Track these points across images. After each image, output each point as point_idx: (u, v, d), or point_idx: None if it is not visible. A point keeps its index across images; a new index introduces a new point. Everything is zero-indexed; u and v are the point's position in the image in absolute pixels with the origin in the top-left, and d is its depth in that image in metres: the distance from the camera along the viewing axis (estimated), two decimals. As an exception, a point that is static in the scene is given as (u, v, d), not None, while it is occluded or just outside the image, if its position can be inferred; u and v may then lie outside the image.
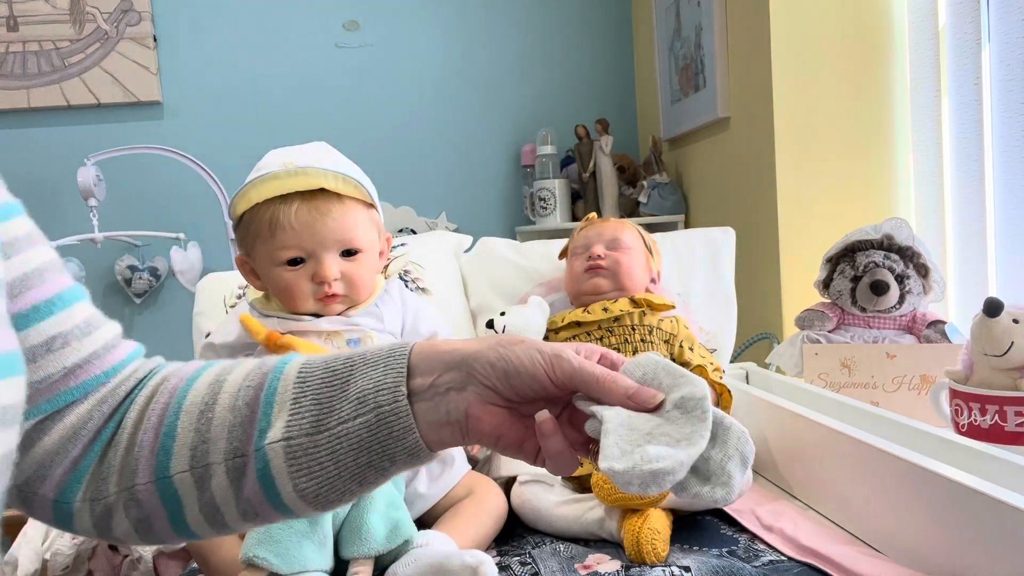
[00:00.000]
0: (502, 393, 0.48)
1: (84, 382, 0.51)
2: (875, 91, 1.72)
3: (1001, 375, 0.99)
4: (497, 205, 2.64)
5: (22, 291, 0.47)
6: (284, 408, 0.49)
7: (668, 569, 0.79)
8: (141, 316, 2.46)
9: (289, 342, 0.94)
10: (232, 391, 0.51)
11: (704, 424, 0.45)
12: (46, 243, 0.51)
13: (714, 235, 1.43)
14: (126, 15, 2.40)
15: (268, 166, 0.96)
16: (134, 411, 0.52)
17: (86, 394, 0.51)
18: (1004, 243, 1.41)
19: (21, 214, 0.49)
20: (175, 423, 0.51)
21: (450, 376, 0.48)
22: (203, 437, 0.50)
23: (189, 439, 0.50)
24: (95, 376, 0.51)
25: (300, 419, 0.48)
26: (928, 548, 0.76)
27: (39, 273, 0.48)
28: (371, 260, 1.00)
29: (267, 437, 0.48)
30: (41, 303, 0.48)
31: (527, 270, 1.38)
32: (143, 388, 0.54)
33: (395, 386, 0.48)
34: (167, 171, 2.34)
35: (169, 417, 0.51)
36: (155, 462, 0.50)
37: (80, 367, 0.50)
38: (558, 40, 2.61)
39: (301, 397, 0.49)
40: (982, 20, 1.44)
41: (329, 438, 0.47)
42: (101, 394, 0.52)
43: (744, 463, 0.46)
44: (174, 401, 0.52)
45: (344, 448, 0.47)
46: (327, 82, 2.53)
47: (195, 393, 0.52)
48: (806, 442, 1.01)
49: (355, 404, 0.48)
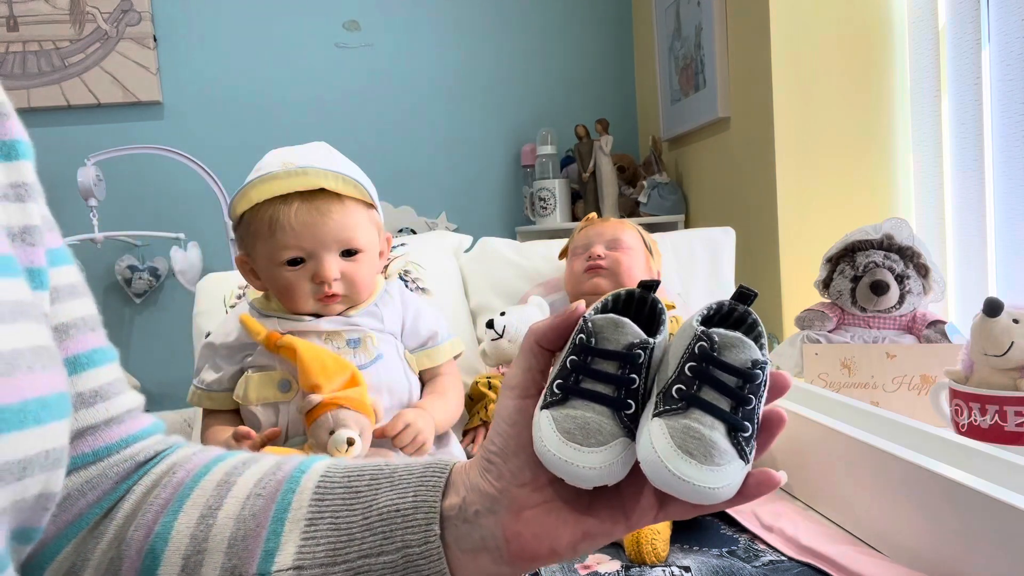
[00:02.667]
0: (529, 476, 0.41)
1: (95, 449, 0.45)
2: (875, 91, 1.72)
3: (1001, 375, 0.99)
4: (497, 205, 2.64)
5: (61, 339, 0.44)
6: (296, 528, 0.43)
7: (668, 569, 0.79)
8: (141, 316, 2.46)
9: (289, 342, 0.93)
10: (240, 496, 0.45)
11: None
12: (88, 296, 0.47)
13: (714, 235, 1.43)
14: (126, 15, 2.40)
15: (268, 166, 0.96)
16: (128, 502, 0.46)
17: (86, 464, 0.45)
18: (1004, 243, 1.41)
19: (70, 262, 0.46)
20: (171, 524, 0.45)
21: (476, 496, 0.42)
22: (200, 546, 0.44)
23: (184, 546, 0.44)
24: (106, 445, 0.46)
25: (314, 546, 0.42)
26: (928, 548, 0.76)
27: (71, 327, 0.45)
28: (371, 260, 1.00)
29: (275, 562, 0.42)
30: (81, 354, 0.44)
31: (527, 270, 1.38)
32: (144, 476, 0.48)
33: (426, 524, 0.41)
34: (167, 171, 2.34)
35: (167, 516, 0.45)
36: (140, 566, 0.44)
37: (92, 431, 0.45)
38: (558, 40, 2.61)
39: (317, 518, 0.43)
40: (982, 20, 1.44)
41: (347, 572, 0.41)
42: (99, 468, 0.46)
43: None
44: (175, 499, 0.46)
45: None
46: (327, 82, 2.53)
47: (200, 492, 0.46)
48: (806, 442, 1.01)
49: (380, 538, 0.41)
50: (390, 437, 0.92)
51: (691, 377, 0.39)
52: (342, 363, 0.94)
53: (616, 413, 0.40)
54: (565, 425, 0.40)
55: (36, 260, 0.43)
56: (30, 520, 0.39)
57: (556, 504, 0.41)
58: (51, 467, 0.38)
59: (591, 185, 2.40)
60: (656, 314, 0.44)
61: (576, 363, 0.41)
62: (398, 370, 1.01)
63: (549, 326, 0.43)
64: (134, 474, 0.48)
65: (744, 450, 0.39)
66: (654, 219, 2.23)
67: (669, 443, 0.38)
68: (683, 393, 0.39)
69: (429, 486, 0.43)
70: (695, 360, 0.39)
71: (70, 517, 0.45)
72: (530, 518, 0.41)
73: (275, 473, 0.46)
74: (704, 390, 0.39)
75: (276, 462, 0.48)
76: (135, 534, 0.45)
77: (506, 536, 0.41)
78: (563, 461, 0.39)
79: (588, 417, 0.40)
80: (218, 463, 0.48)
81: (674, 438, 0.38)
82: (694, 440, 0.38)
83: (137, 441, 0.48)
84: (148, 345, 2.44)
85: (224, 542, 0.43)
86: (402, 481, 0.43)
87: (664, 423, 0.38)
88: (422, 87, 2.57)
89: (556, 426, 0.40)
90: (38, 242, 0.43)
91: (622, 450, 0.40)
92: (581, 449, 0.39)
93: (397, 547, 0.41)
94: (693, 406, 0.39)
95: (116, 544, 0.45)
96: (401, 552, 0.41)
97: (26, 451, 0.36)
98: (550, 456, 0.39)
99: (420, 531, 0.41)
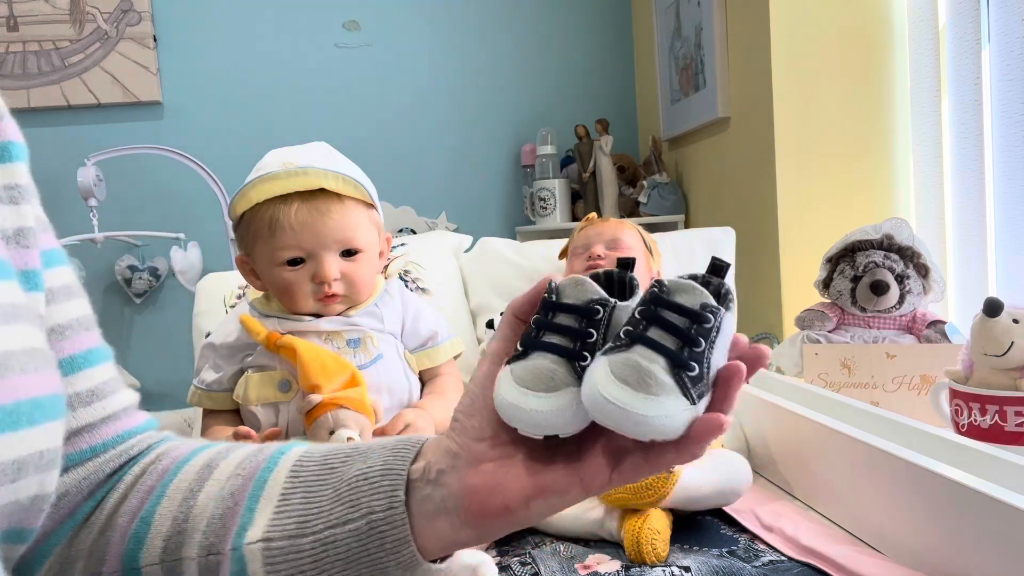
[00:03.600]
0: (489, 432, 0.42)
1: (92, 446, 0.46)
2: (875, 91, 1.72)
3: (1001, 375, 0.99)
4: (497, 205, 2.64)
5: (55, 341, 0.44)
6: (270, 503, 0.43)
7: (668, 569, 0.79)
8: (141, 316, 2.46)
9: (289, 342, 0.94)
10: (222, 478, 0.46)
11: None
12: (83, 296, 0.48)
13: (714, 235, 1.44)
14: (126, 15, 2.40)
15: (268, 166, 0.96)
16: (117, 492, 0.47)
17: (82, 461, 0.46)
18: (1004, 243, 1.41)
19: (65, 263, 0.47)
20: (154, 509, 0.45)
21: (439, 455, 0.43)
22: (180, 527, 0.44)
23: (165, 528, 0.44)
24: (102, 442, 0.47)
25: (285, 518, 0.42)
26: (928, 548, 0.76)
27: (67, 328, 0.45)
28: (371, 260, 1.01)
29: (246, 536, 0.43)
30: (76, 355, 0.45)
31: (527, 270, 1.38)
32: (133, 466, 0.49)
33: (392, 489, 0.42)
34: (167, 171, 2.34)
35: (151, 502, 0.46)
36: (124, 549, 0.44)
37: (88, 429, 0.46)
38: (558, 40, 2.61)
39: (291, 493, 0.43)
40: (982, 20, 1.44)
41: (313, 543, 0.42)
42: (95, 464, 0.47)
43: None
44: (159, 485, 0.47)
45: (330, 557, 0.41)
46: (327, 82, 2.53)
47: (182, 477, 0.47)
48: (806, 442, 1.01)
49: (346, 507, 0.42)
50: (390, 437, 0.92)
51: (638, 319, 0.39)
52: (342, 363, 0.94)
53: (571, 363, 0.40)
54: (520, 374, 0.40)
55: (30, 262, 0.43)
56: (24, 521, 0.39)
57: (513, 460, 0.42)
58: (45, 468, 0.38)
59: (591, 185, 2.40)
60: (631, 288, 0.44)
61: (538, 319, 0.42)
62: (398, 370, 1.01)
63: (525, 298, 0.44)
64: (125, 466, 0.49)
65: (688, 389, 0.37)
66: (654, 219, 2.23)
67: (607, 373, 0.38)
68: (630, 333, 0.39)
69: (399, 455, 0.43)
70: (644, 304, 0.40)
71: (65, 513, 0.46)
72: (486, 471, 0.42)
73: (256, 456, 0.47)
74: (651, 329, 0.39)
75: (259, 447, 0.48)
76: (120, 520, 0.46)
77: (464, 491, 0.41)
78: (512, 405, 0.40)
79: (542, 365, 0.40)
80: (203, 450, 0.49)
81: (613, 370, 0.38)
82: (631, 369, 0.37)
83: (132, 437, 0.49)
84: (148, 345, 2.44)
85: (203, 521, 0.44)
86: (373, 453, 0.44)
87: (607, 359, 0.38)
88: (422, 87, 2.56)
89: (512, 376, 0.40)
90: (32, 244, 0.44)
91: (573, 400, 0.40)
92: (529, 394, 0.39)
93: (363, 514, 0.42)
94: (638, 343, 0.38)
95: (104, 532, 0.46)
96: (366, 519, 0.41)
97: (20, 452, 0.36)
98: (501, 401, 0.40)
99: (385, 496, 0.42)
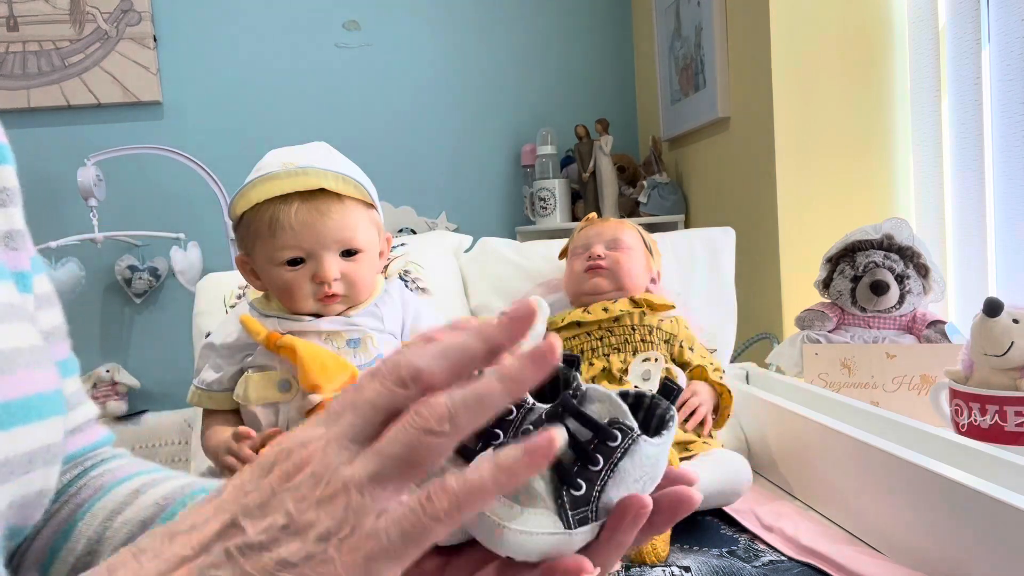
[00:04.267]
0: None
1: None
2: (875, 91, 1.72)
3: (1001, 375, 0.99)
4: (497, 205, 2.64)
5: None
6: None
7: (668, 569, 0.79)
8: (141, 316, 2.46)
9: (289, 342, 0.94)
10: (144, 504, 0.44)
11: None
12: (59, 306, 0.47)
13: (714, 235, 1.43)
14: (126, 15, 2.40)
15: (268, 166, 0.96)
16: (59, 503, 0.47)
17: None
18: (1004, 243, 1.41)
19: (44, 271, 0.47)
20: (75, 525, 0.44)
21: None
22: (92, 547, 0.43)
23: (80, 546, 0.44)
24: (68, 454, 0.46)
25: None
26: (928, 548, 0.76)
27: (48, 336, 0.45)
28: (371, 260, 1.00)
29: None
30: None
31: (527, 270, 1.38)
32: (82, 478, 0.48)
33: None
34: (167, 171, 2.34)
35: (76, 516, 0.45)
36: (43, 561, 0.44)
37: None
38: (558, 40, 2.61)
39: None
40: (982, 20, 1.44)
41: None
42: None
43: None
44: (88, 501, 0.46)
45: None
46: (327, 82, 2.52)
47: (111, 498, 0.45)
48: (806, 442, 1.01)
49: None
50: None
51: (543, 421, 0.36)
52: (342, 363, 0.94)
53: (467, 463, 0.34)
54: None
55: (21, 264, 0.43)
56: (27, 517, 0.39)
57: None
58: (50, 462, 0.38)
59: (591, 185, 2.40)
60: (566, 385, 0.39)
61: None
62: (398, 370, 1.00)
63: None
64: (75, 479, 0.48)
65: (565, 510, 0.33)
66: (654, 219, 2.23)
67: None
68: (529, 433, 0.34)
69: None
70: (554, 407, 0.36)
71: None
72: None
73: (182, 489, 0.45)
74: None
75: (192, 481, 0.47)
76: (46, 531, 0.45)
77: None
78: None
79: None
80: (139, 475, 0.47)
81: None
82: None
83: (92, 450, 0.49)
84: (148, 345, 2.44)
85: (112, 545, 0.43)
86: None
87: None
88: (422, 87, 2.56)
89: None
90: (21, 247, 0.44)
91: None
92: None
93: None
94: None
95: (35, 540, 0.45)
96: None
97: (31, 445, 0.36)
98: None
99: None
